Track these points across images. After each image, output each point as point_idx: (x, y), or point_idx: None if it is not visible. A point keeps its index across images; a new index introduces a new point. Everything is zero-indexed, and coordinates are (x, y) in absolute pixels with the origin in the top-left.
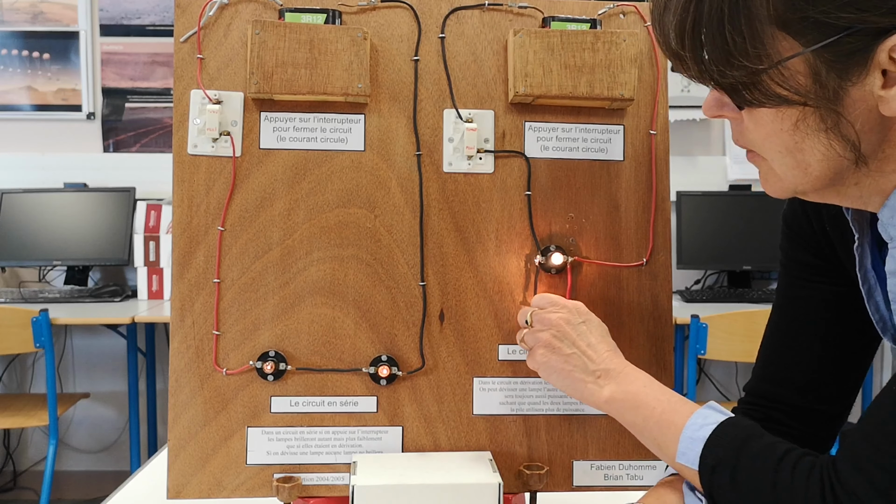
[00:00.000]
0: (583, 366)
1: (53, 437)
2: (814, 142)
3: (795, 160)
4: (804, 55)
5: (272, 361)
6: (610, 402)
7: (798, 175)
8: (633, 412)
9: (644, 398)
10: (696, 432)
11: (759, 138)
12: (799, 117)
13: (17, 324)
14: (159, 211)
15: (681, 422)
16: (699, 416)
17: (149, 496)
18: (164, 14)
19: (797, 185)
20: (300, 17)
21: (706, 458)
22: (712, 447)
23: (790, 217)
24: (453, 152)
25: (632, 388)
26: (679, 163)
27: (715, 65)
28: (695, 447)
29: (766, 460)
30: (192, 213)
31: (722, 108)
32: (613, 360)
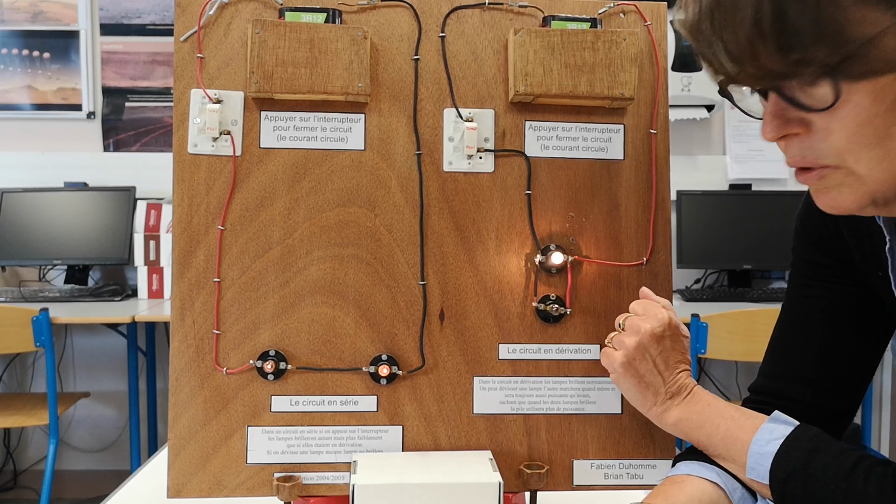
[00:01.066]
0: (656, 383)
1: (54, 437)
2: None
3: (885, 150)
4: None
5: (272, 361)
6: (678, 426)
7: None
8: (697, 431)
9: (709, 416)
10: (764, 447)
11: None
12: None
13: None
14: (159, 210)
15: (746, 437)
16: (765, 430)
17: (149, 495)
18: (164, 13)
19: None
20: (300, 16)
21: (776, 472)
22: (781, 460)
23: (805, 217)
24: (453, 151)
25: (697, 407)
26: (679, 162)
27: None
28: (764, 462)
29: (837, 469)
30: (192, 212)
31: (788, 125)
32: (684, 378)
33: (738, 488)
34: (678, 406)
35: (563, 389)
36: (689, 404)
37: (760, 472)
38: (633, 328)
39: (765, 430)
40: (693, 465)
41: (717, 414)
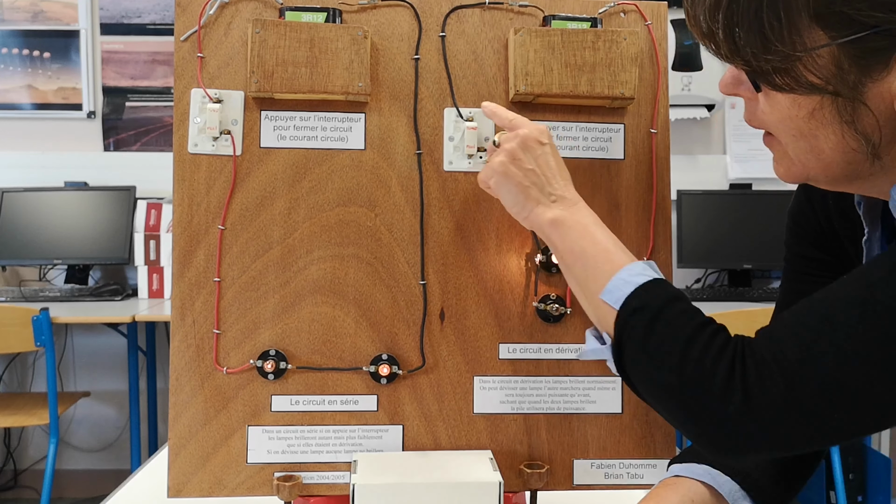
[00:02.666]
0: (540, 185)
1: (54, 436)
2: (828, 132)
3: (809, 145)
4: (830, 47)
5: (272, 360)
6: (555, 224)
7: (811, 159)
8: (577, 238)
9: (593, 232)
10: (633, 277)
11: (774, 121)
12: (816, 107)
13: (17, 322)
14: (160, 210)
15: (621, 262)
16: (642, 265)
17: (149, 495)
18: (164, 13)
19: (809, 171)
20: (300, 15)
21: (631, 301)
22: (642, 293)
23: (796, 212)
24: (454, 151)
25: (584, 220)
26: (679, 161)
27: (749, 47)
28: (624, 289)
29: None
30: (192, 211)
31: (738, 87)
32: (570, 191)
33: (728, 481)
34: (562, 209)
35: (563, 389)
36: (575, 213)
37: (615, 297)
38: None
39: (641, 265)
40: (685, 466)
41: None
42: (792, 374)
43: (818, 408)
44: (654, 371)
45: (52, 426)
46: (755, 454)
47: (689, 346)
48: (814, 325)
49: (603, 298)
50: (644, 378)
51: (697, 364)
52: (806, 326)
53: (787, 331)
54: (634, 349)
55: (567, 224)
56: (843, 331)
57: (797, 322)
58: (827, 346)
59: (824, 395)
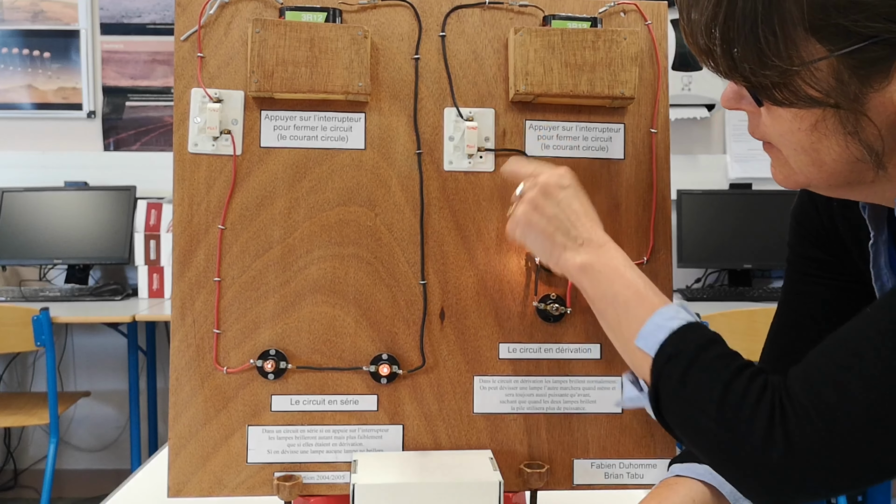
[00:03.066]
0: (565, 230)
1: (54, 436)
2: (831, 143)
3: (810, 158)
4: (830, 60)
5: (273, 360)
6: (584, 269)
7: (813, 171)
8: (608, 284)
9: (623, 274)
10: (668, 321)
11: (776, 134)
12: (818, 119)
13: (17, 322)
14: (160, 209)
15: (653, 306)
16: (675, 308)
17: (149, 495)
18: (164, 12)
19: (810, 181)
20: (300, 15)
21: (666, 347)
22: (677, 338)
23: (799, 213)
24: (454, 151)
25: (613, 262)
26: (680, 161)
27: (747, 63)
28: (659, 334)
29: (725, 364)
30: (192, 211)
31: (740, 102)
32: (596, 232)
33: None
34: (589, 253)
35: (563, 389)
36: (603, 256)
37: (650, 343)
38: (529, 184)
39: (674, 308)
40: (685, 466)
41: (631, 277)
42: (830, 416)
43: (859, 447)
44: (692, 419)
45: (52, 426)
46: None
47: (727, 393)
48: (846, 363)
49: (638, 345)
50: (683, 425)
51: (736, 411)
52: (838, 365)
53: (821, 372)
54: (671, 397)
55: (596, 269)
56: (874, 365)
57: (829, 362)
58: (860, 383)
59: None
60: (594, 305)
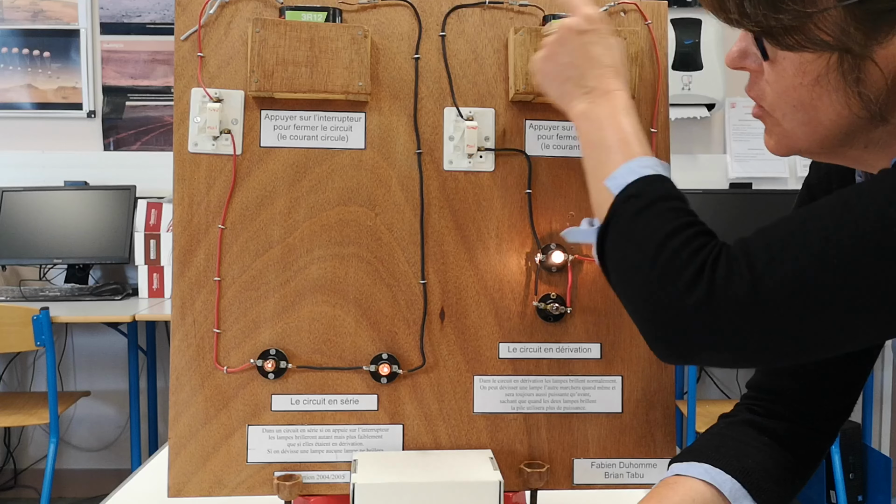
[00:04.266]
0: (576, 77)
1: (54, 436)
2: (831, 98)
3: (808, 116)
4: (838, 9)
5: (273, 359)
6: (580, 118)
7: (806, 132)
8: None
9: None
10: (641, 168)
11: (776, 91)
12: (821, 72)
13: (17, 322)
14: (160, 209)
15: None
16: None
17: (149, 494)
18: (164, 12)
19: (802, 143)
20: (301, 15)
21: (630, 188)
22: (643, 183)
23: (815, 184)
24: (454, 150)
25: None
26: (680, 161)
27: (761, 7)
28: (628, 177)
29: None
30: (192, 211)
31: (745, 59)
32: (605, 80)
33: (728, 480)
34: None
35: (563, 388)
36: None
37: (617, 183)
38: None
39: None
40: (684, 465)
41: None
42: (757, 274)
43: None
44: (629, 259)
45: (52, 426)
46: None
47: (669, 238)
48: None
49: (606, 184)
50: (619, 265)
51: (672, 255)
52: (781, 230)
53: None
54: (618, 233)
55: (591, 116)
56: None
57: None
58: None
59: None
60: (583, 153)
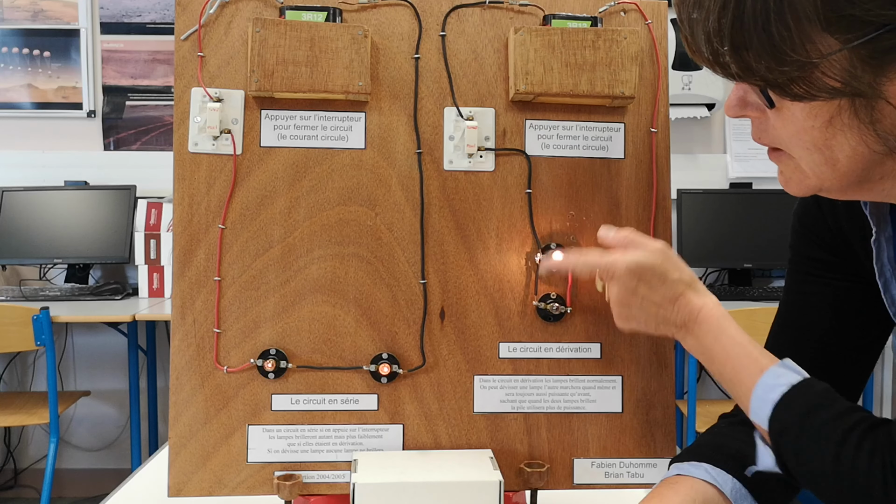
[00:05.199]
0: (663, 322)
1: (54, 435)
2: (846, 137)
3: (824, 156)
4: (843, 52)
5: (273, 359)
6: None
7: (825, 171)
8: (710, 366)
9: (716, 353)
10: (767, 394)
11: (787, 135)
12: (834, 114)
13: (17, 322)
14: (160, 209)
15: (750, 381)
16: (772, 374)
17: (150, 494)
18: (164, 12)
19: (823, 182)
20: (301, 14)
21: (774, 422)
22: (781, 411)
23: (803, 214)
24: (454, 150)
25: (705, 341)
26: (680, 161)
27: (763, 62)
28: (765, 409)
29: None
30: (192, 211)
31: (745, 108)
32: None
33: (730, 480)
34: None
35: (563, 388)
36: (697, 337)
37: (762, 417)
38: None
39: (771, 375)
40: (685, 465)
41: (724, 352)
42: None
43: None
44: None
45: (52, 425)
46: None
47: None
48: None
49: (753, 419)
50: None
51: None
52: None
53: None
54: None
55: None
56: None
57: None
58: None
59: None
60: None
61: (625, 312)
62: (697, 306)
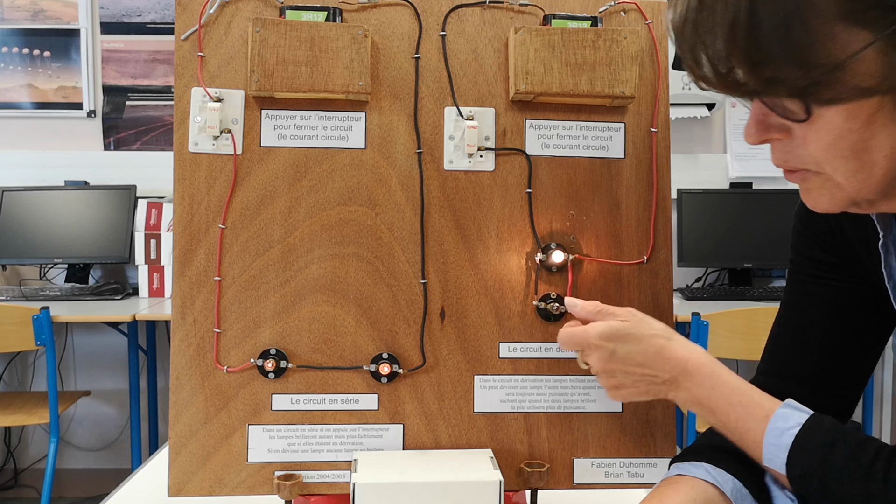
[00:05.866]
0: (651, 383)
1: (54, 435)
2: (885, 135)
3: (861, 162)
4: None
5: (273, 359)
6: (686, 405)
7: (862, 178)
8: (710, 417)
9: (715, 405)
10: (779, 439)
11: (821, 148)
12: (874, 109)
13: (18, 321)
14: (160, 209)
15: (759, 428)
16: (779, 418)
17: (150, 494)
18: (164, 12)
19: (860, 192)
20: (301, 14)
21: (793, 468)
22: (797, 456)
23: (805, 215)
24: (454, 150)
25: (701, 392)
26: (680, 160)
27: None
28: (779, 454)
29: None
30: (192, 210)
31: (768, 132)
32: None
33: (730, 480)
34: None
35: (563, 388)
36: (690, 389)
37: (777, 463)
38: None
39: (778, 419)
40: (686, 465)
41: (725, 401)
42: None
43: None
44: None
45: (52, 425)
46: None
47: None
48: None
49: (768, 465)
50: None
51: None
52: None
53: None
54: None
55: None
56: None
57: None
58: None
59: None
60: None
61: (612, 381)
62: (685, 357)
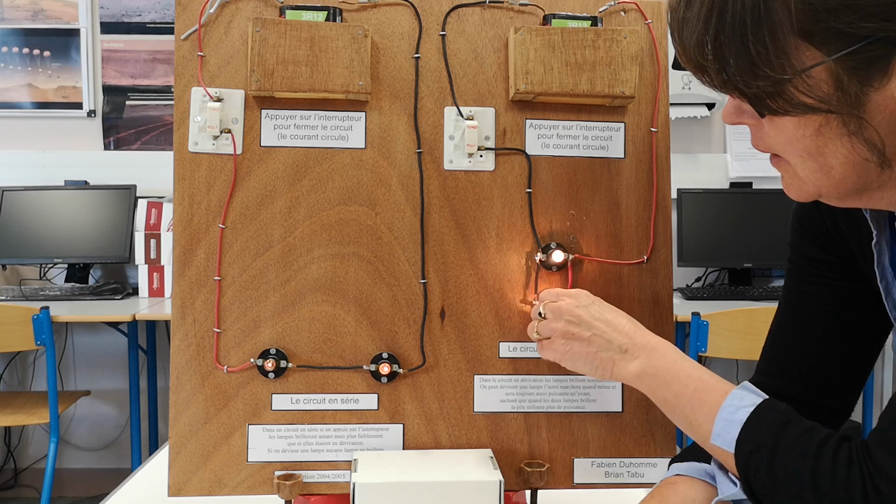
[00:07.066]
0: (606, 344)
1: (54, 435)
2: (836, 146)
3: (818, 164)
4: (827, 64)
5: (273, 359)
6: (640, 378)
7: (821, 178)
8: (664, 388)
9: (676, 374)
10: (733, 414)
11: (781, 143)
12: (822, 123)
13: (18, 321)
14: (160, 208)
15: (716, 402)
16: (735, 396)
17: (150, 494)
18: (164, 11)
19: (821, 189)
20: (301, 14)
21: (743, 443)
22: (750, 431)
23: (802, 213)
24: (454, 150)
25: (662, 362)
26: (680, 160)
27: (739, 76)
28: (731, 430)
29: (805, 447)
30: (192, 210)
31: (741, 115)
32: (637, 334)
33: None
34: (637, 358)
35: (563, 387)
36: (651, 358)
37: (727, 440)
38: (553, 311)
39: (735, 397)
40: (685, 465)
41: (685, 373)
42: None
43: None
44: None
45: (52, 425)
46: None
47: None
48: None
49: (715, 444)
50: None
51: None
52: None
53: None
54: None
55: (649, 374)
56: None
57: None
58: None
59: None
60: (661, 407)
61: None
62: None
